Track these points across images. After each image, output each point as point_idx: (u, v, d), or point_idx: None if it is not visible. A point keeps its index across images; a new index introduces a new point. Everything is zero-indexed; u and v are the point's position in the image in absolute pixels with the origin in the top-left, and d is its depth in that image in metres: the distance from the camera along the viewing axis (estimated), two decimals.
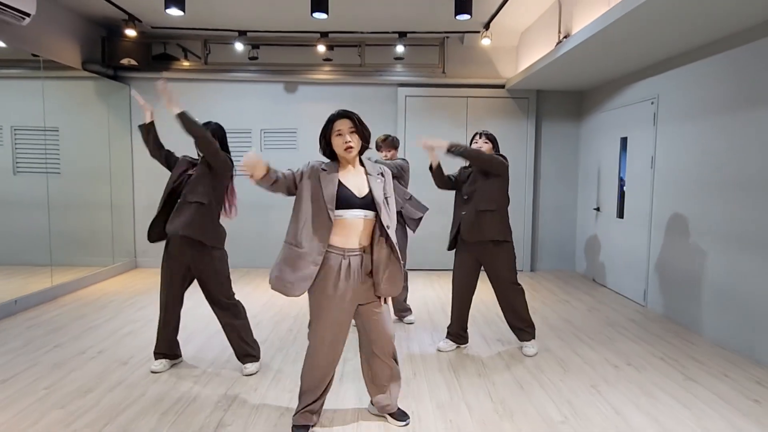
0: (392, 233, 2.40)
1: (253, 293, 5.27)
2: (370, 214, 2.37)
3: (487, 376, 3.22)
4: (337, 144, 2.38)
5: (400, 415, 2.62)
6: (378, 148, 4.19)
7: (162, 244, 3.22)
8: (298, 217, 2.34)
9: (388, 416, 2.64)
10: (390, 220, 2.42)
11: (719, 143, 3.91)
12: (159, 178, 6.56)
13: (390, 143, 4.19)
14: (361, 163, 2.49)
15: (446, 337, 3.72)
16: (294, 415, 2.54)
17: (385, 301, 2.53)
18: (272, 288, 2.34)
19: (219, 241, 3.11)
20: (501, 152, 3.57)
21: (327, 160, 2.48)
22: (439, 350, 3.66)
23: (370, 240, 2.40)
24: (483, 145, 3.51)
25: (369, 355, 2.59)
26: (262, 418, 2.63)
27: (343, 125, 2.37)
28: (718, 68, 3.94)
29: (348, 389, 3.01)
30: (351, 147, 2.37)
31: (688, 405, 2.85)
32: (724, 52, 3.87)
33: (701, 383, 3.15)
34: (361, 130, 2.41)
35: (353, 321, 2.54)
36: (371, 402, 2.69)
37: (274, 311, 4.64)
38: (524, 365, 3.42)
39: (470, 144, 3.56)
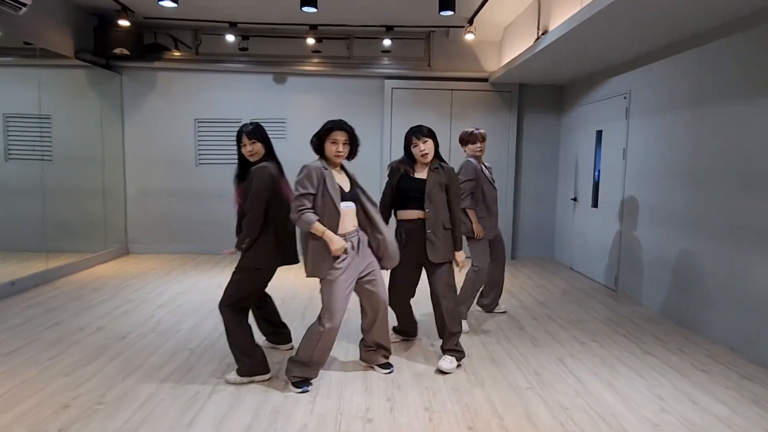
0: (375, 214, 2.94)
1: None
2: (354, 205, 2.89)
3: (464, 350, 3.47)
4: (331, 150, 2.80)
5: (386, 365, 3.11)
6: (465, 142, 3.91)
7: (157, 231, 3.31)
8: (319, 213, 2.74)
9: (375, 366, 3.11)
10: (372, 205, 2.95)
11: (685, 136, 4.19)
12: (150, 166, 6.74)
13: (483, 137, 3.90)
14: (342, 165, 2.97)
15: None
16: (292, 376, 2.82)
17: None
18: (309, 276, 2.81)
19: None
20: (440, 147, 3.32)
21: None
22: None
23: (357, 223, 2.92)
24: (422, 146, 3.11)
25: (371, 325, 3.04)
26: (252, 386, 2.86)
27: (340, 136, 2.78)
28: (685, 65, 4.21)
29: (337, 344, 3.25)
30: (340, 157, 2.82)
31: (643, 375, 3.13)
32: (691, 50, 4.13)
33: (657, 356, 3.44)
34: (353, 143, 2.85)
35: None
36: (361, 358, 3.18)
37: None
38: (498, 342, 3.68)
39: (409, 148, 3.18)
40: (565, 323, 4.13)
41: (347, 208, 2.82)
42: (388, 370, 3.09)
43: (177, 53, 6.53)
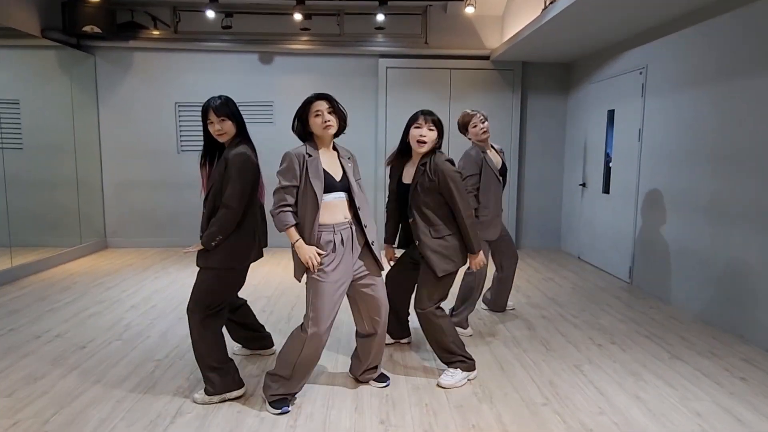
0: (364, 214, 2.50)
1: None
2: (347, 195, 2.48)
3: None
4: (317, 123, 2.40)
5: (381, 378, 2.72)
6: (465, 129, 3.40)
7: (137, 224, 2.88)
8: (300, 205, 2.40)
9: (370, 381, 2.72)
10: (362, 202, 2.51)
11: (709, 114, 3.76)
12: (128, 155, 6.29)
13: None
14: (334, 146, 2.54)
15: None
16: (270, 395, 2.43)
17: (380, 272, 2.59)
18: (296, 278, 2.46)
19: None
20: (445, 137, 2.89)
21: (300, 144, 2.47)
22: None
23: (353, 214, 2.51)
24: (424, 130, 2.65)
25: (368, 335, 2.62)
26: (223, 407, 2.46)
27: (322, 106, 2.40)
28: (709, 35, 3.76)
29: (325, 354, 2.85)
30: (330, 125, 2.40)
31: (673, 384, 2.74)
32: (716, 18, 3.68)
33: (687, 361, 3.04)
34: (339, 110, 2.45)
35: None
36: (351, 370, 2.77)
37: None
38: (507, 346, 3.28)
39: (410, 128, 2.72)
40: (579, 322, 3.73)
41: (336, 200, 2.43)
42: (384, 384, 2.70)
43: (155, 32, 6.04)
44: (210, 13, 5.83)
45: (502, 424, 2.34)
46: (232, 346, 3.07)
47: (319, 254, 2.35)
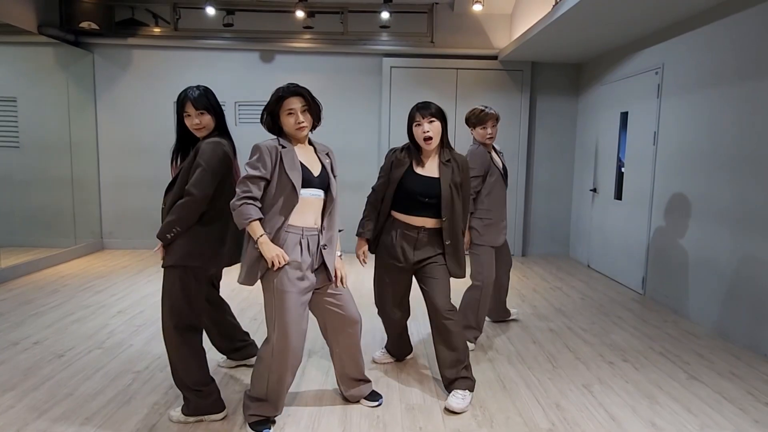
0: (332, 219, 2.31)
1: None
2: (323, 193, 2.26)
3: None
4: (289, 123, 2.18)
5: (372, 396, 2.52)
6: (473, 125, 3.18)
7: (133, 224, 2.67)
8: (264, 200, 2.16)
9: (361, 400, 2.52)
10: (336, 206, 2.32)
11: (730, 116, 3.52)
12: (126, 154, 6.14)
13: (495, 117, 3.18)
14: (309, 141, 2.32)
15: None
16: (249, 415, 2.22)
17: (342, 282, 2.33)
18: (241, 282, 2.16)
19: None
20: (449, 129, 2.74)
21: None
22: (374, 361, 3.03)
23: (319, 220, 2.27)
24: (426, 126, 2.48)
25: (335, 346, 2.40)
26: (200, 426, 2.27)
27: (296, 103, 2.16)
28: (730, 32, 3.53)
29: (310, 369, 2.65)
30: (304, 127, 2.19)
31: (692, 409, 2.51)
32: (737, 14, 3.45)
33: (706, 383, 2.81)
34: (314, 107, 2.22)
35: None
36: (340, 389, 2.53)
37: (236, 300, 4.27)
38: (510, 362, 3.06)
39: (411, 126, 2.55)
40: (588, 336, 3.50)
41: (312, 197, 2.20)
42: (376, 402, 2.49)
43: (156, 30, 5.90)
44: (211, 11, 5.68)
45: None
46: (218, 359, 2.88)
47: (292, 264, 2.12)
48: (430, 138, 2.49)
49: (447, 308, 2.52)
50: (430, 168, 2.56)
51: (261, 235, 2.07)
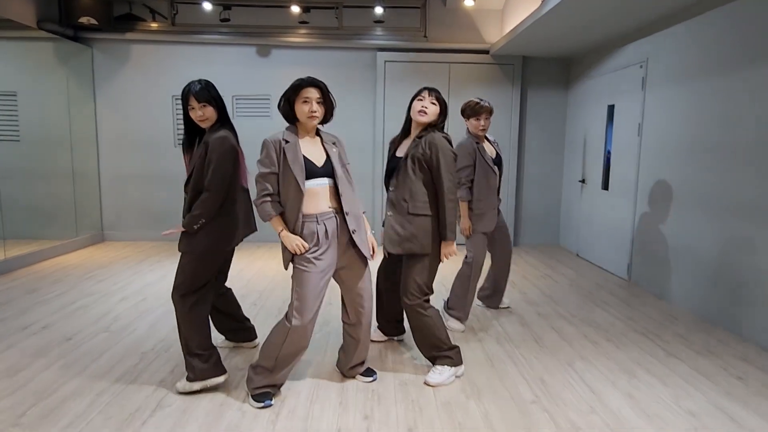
0: (346, 199, 2.40)
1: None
2: (331, 181, 2.39)
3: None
4: (302, 111, 2.33)
5: (368, 372, 2.68)
6: (468, 116, 3.36)
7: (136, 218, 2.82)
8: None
9: (357, 376, 2.67)
10: (345, 187, 2.42)
11: (711, 108, 3.68)
12: (126, 147, 6.25)
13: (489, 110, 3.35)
14: (317, 132, 2.47)
15: None
16: (253, 387, 2.38)
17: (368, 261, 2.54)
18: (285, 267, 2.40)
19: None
20: (448, 118, 2.83)
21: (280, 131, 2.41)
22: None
23: (338, 203, 2.42)
24: (426, 102, 2.64)
25: (349, 321, 2.58)
26: (205, 400, 2.41)
27: (312, 93, 2.32)
28: (712, 27, 3.68)
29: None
30: (315, 116, 2.34)
31: (667, 382, 2.67)
32: (719, 8, 3.59)
33: (683, 360, 2.97)
34: (328, 101, 2.38)
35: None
36: (338, 364, 2.73)
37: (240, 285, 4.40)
38: (499, 342, 3.22)
39: (413, 101, 2.70)
40: (574, 319, 3.66)
41: (318, 186, 2.35)
42: (371, 378, 2.65)
43: (153, 25, 5.99)
44: (207, 6, 5.78)
45: (489, 422, 2.28)
46: (216, 338, 3.02)
47: (311, 249, 2.32)
48: (425, 112, 2.62)
49: (408, 301, 2.60)
50: (405, 147, 2.71)
51: (281, 230, 2.30)
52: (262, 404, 2.34)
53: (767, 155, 3.14)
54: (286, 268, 2.38)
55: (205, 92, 2.37)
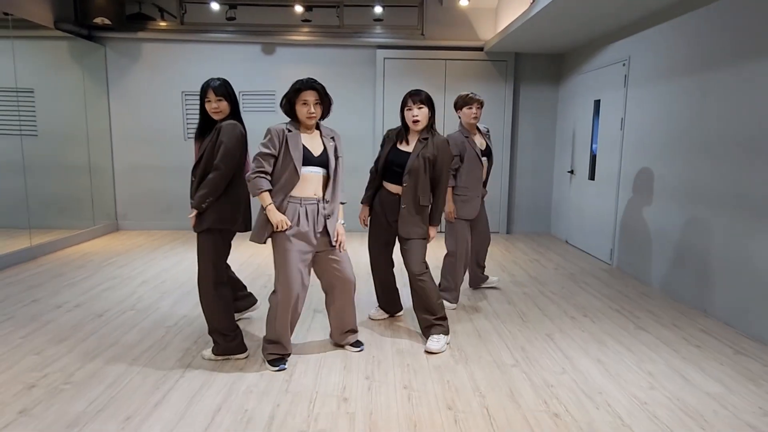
0: (332, 189, 2.73)
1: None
2: (324, 171, 2.70)
3: (450, 326, 3.36)
4: (302, 112, 2.61)
5: (356, 344, 3.01)
6: (460, 107, 3.70)
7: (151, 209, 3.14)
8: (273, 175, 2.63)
9: (346, 346, 3.02)
10: (338, 179, 2.75)
11: (686, 104, 4.00)
12: (138, 141, 6.58)
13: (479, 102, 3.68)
14: (317, 126, 2.76)
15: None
16: (267, 353, 2.74)
17: (341, 248, 2.82)
18: (251, 240, 2.67)
19: None
20: (445, 112, 3.34)
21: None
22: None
23: (323, 192, 2.72)
24: (415, 111, 2.99)
25: (331, 301, 2.91)
26: (227, 365, 2.77)
27: (310, 96, 2.60)
28: (687, 28, 3.99)
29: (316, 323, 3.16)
30: (314, 117, 2.63)
31: (633, 350, 3.03)
32: (694, 11, 3.90)
33: (650, 332, 3.32)
34: (325, 102, 2.66)
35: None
36: (330, 336, 3.07)
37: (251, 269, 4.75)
38: (486, 318, 3.57)
39: (403, 110, 3.06)
40: (556, 298, 4.01)
41: (311, 173, 2.64)
42: (358, 348, 2.99)
43: (162, 23, 6.30)
44: (215, 5, 6.08)
45: (473, 381, 2.63)
46: None
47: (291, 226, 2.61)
48: (418, 121, 3.00)
49: (417, 272, 3.01)
50: (410, 145, 3.08)
51: (269, 204, 2.57)
52: (277, 368, 2.70)
53: (729, 150, 3.47)
54: (263, 242, 2.62)
55: (222, 88, 2.71)
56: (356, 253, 5.29)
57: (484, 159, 3.74)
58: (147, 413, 2.27)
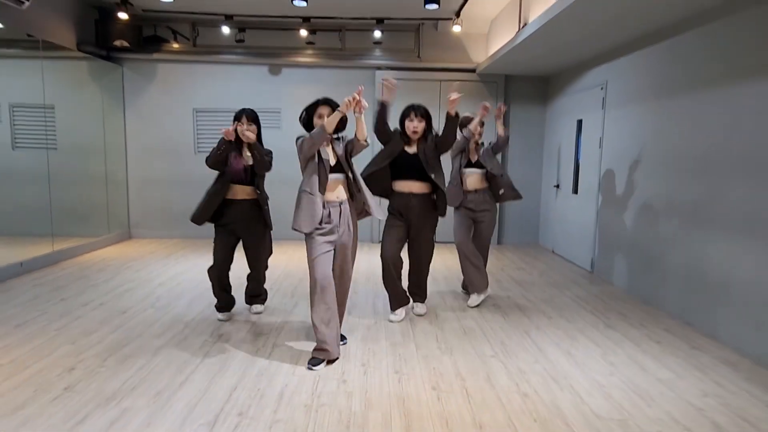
0: (360, 182, 3.20)
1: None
2: (342, 176, 3.12)
3: (438, 324, 3.76)
4: (317, 124, 3.04)
5: (341, 338, 3.32)
6: (461, 125, 4.43)
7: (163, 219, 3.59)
8: (311, 174, 3.00)
9: None
10: (357, 175, 3.21)
11: (651, 126, 4.42)
12: (151, 155, 7.01)
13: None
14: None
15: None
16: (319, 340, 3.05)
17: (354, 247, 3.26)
18: (293, 228, 3.02)
19: None
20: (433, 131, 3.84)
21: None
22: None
23: (347, 194, 3.16)
24: (416, 124, 3.57)
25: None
26: (241, 353, 3.15)
27: (325, 110, 3.05)
28: (653, 57, 4.43)
29: None
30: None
31: (600, 345, 3.41)
32: (660, 42, 4.34)
33: (618, 330, 3.71)
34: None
35: None
36: None
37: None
38: (472, 317, 3.95)
39: (403, 121, 3.66)
40: (537, 301, 4.40)
41: (333, 180, 3.04)
42: (342, 342, 3.29)
43: (176, 45, 6.76)
44: (225, 29, 6.55)
45: (456, 368, 3.01)
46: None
47: (319, 226, 2.99)
48: (417, 132, 3.55)
49: (431, 234, 3.81)
50: (412, 147, 3.67)
51: (333, 114, 2.93)
52: (310, 367, 2.95)
53: (687, 163, 3.89)
54: (292, 228, 3.00)
55: (253, 115, 3.42)
56: (358, 261, 5.68)
57: (476, 168, 4.29)
58: (174, 390, 2.65)
